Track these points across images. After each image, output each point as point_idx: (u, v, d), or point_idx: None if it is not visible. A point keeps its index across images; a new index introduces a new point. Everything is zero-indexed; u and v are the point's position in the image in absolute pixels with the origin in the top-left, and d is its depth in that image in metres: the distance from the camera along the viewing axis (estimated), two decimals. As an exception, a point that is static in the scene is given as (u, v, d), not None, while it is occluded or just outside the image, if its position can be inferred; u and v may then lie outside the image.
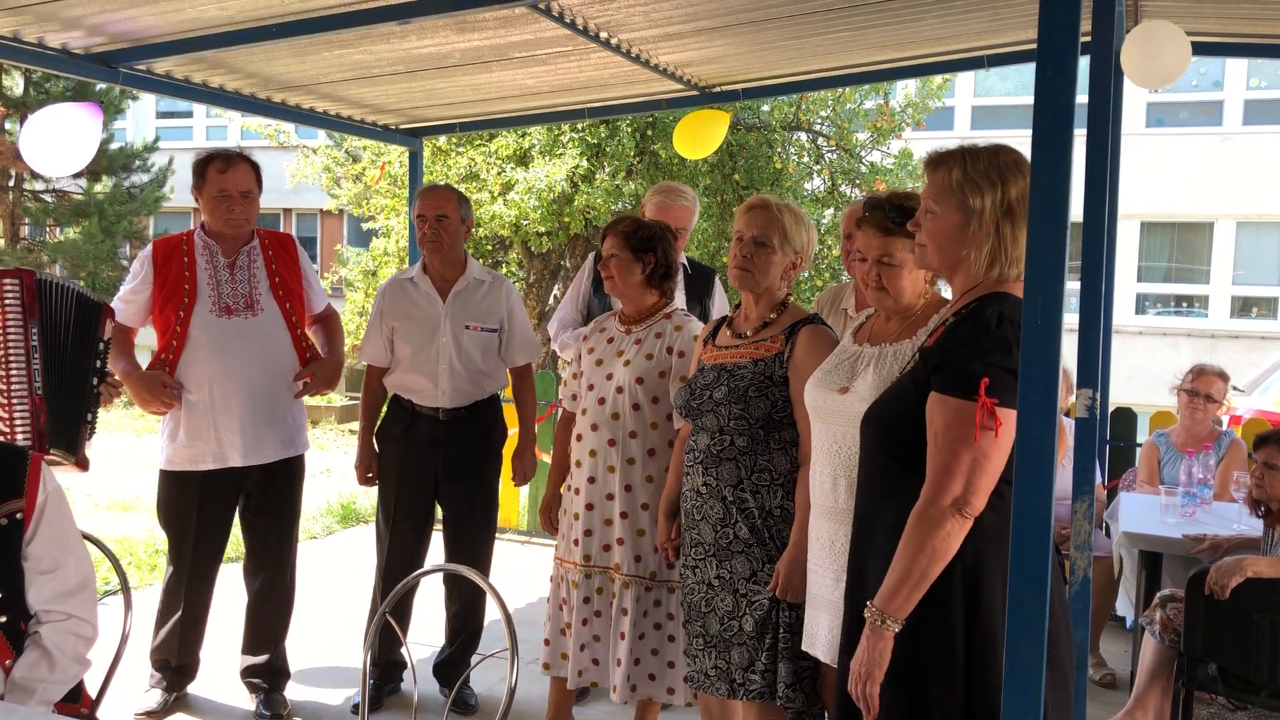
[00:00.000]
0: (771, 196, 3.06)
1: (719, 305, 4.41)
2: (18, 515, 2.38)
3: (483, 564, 4.04)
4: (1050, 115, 1.77)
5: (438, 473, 3.98)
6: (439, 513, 4.11)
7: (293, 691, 4.12)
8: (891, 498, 2.19)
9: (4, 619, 2.33)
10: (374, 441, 4.09)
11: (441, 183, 5.26)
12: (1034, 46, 1.80)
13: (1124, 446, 5.72)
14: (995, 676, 1.99)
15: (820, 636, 2.62)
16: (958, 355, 2.07)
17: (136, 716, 3.87)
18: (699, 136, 5.81)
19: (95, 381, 3.36)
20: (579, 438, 3.43)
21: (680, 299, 4.19)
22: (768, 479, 2.88)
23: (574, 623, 3.37)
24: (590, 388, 3.42)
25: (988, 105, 17.77)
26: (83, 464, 3.31)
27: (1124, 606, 4.91)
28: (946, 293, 2.60)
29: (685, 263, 4.33)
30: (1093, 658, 4.61)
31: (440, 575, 4.06)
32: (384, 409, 4.17)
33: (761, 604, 2.85)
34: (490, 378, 4.04)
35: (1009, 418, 1.97)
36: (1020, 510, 1.81)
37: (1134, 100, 15.75)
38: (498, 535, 4.26)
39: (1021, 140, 1.87)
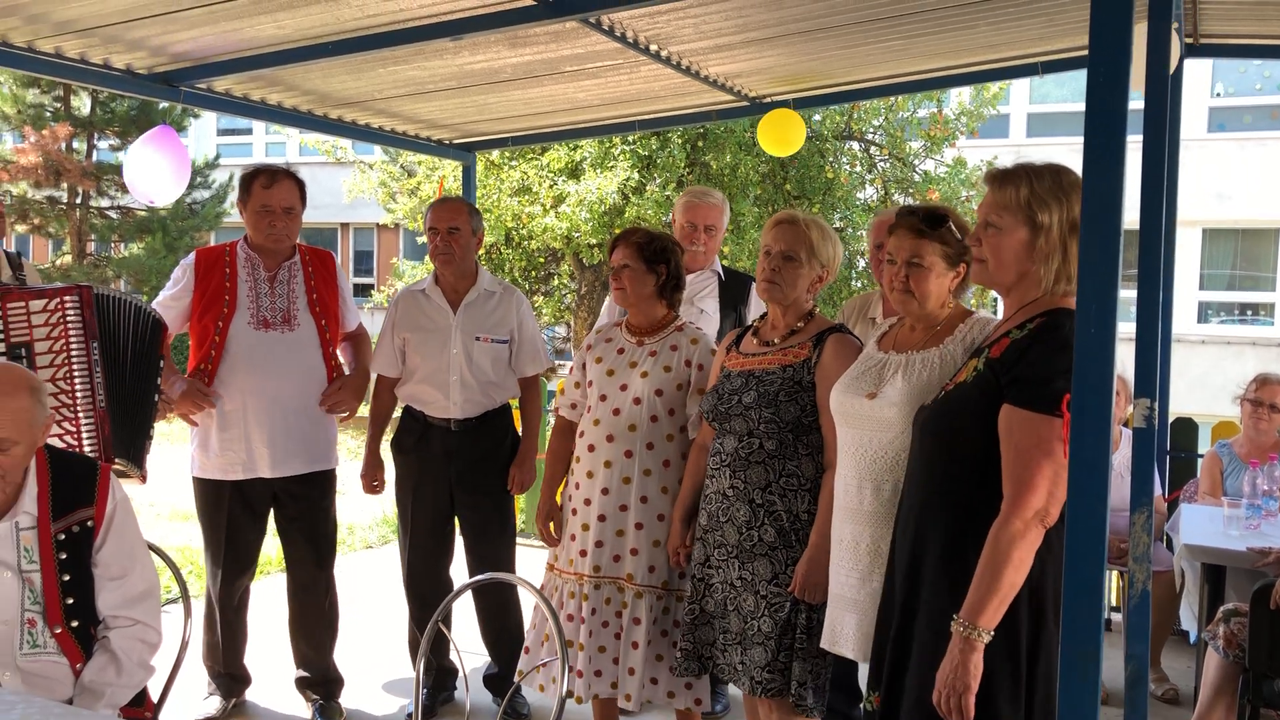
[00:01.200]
0: (799, 212, 3.15)
1: (755, 313, 4.41)
2: (88, 523, 2.45)
3: (505, 571, 4.03)
4: (1103, 122, 1.75)
5: (452, 483, 4.00)
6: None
7: (348, 700, 4.17)
8: (949, 503, 2.24)
9: (75, 623, 2.41)
10: (381, 451, 4.13)
11: (454, 196, 5.29)
12: (1087, 53, 1.78)
13: (1185, 458, 5.60)
14: (1054, 689, 2.01)
15: (848, 635, 2.65)
16: (1039, 371, 2.11)
17: (196, 722, 3.94)
18: (783, 135, 5.78)
19: (155, 397, 3.45)
20: (590, 448, 3.42)
21: (713, 305, 4.19)
22: (795, 483, 2.94)
23: (580, 637, 3.36)
24: (603, 398, 3.42)
25: (1044, 112, 17.55)
26: (142, 476, 3.39)
27: (1187, 621, 4.82)
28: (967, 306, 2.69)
29: (720, 270, 4.32)
30: (1154, 672, 4.52)
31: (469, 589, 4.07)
32: (394, 420, 4.20)
33: (781, 605, 2.91)
34: (501, 388, 4.04)
35: None
36: (1074, 521, 1.79)
37: (1195, 105, 15.47)
38: (523, 542, 4.25)
39: (1078, 147, 1.85)
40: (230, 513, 3.87)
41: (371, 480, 4.14)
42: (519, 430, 4.19)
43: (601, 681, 3.35)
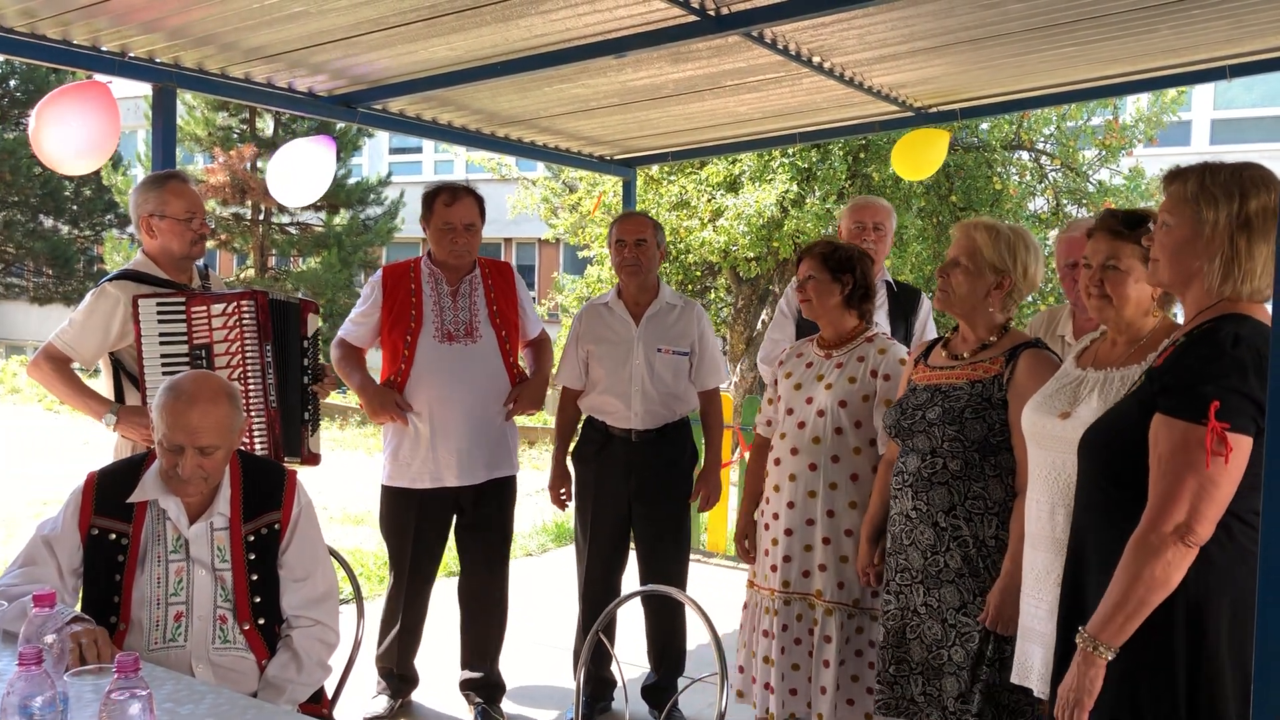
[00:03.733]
0: (981, 218, 2.99)
1: (926, 327, 4.31)
2: (275, 526, 2.58)
3: (677, 585, 4.05)
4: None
5: (630, 493, 4.04)
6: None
7: (509, 705, 4.26)
8: (1111, 523, 2.12)
9: (261, 621, 2.53)
10: (568, 462, 4.19)
11: (638, 210, 5.33)
12: (1284, 55, 1.68)
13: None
14: None
15: (1035, 669, 2.52)
16: (1187, 376, 1.99)
17: (365, 720, 4.09)
18: (918, 158, 5.69)
19: (307, 381, 3.57)
20: (777, 462, 3.41)
21: (883, 317, 4.11)
22: (981, 506, 2.80)
23: (773, 653, 3.34)
24: (789, 412, 3.39)
25: (1229, 118, 16.62)
26: (309, 460, 3.54)
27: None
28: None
29: (890, 281, 4.25)
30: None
31: (638, 598, 4.10)
32: (578, 431, 4.26)
33: (972, 635, 2.78)
34: (681, 400, 4.08)
35: (1241, 444, 1.92)
36: (1270, 538, 1.67)
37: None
38: (705, 560, 4.26)
39: (1268, 155, 1.75)
40: (418, 521, 4.00)
41: (559, 490, 4.21)
42: (696, 444, 4.21)
43: (797, 701, 3.32)
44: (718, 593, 5.71)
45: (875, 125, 5.70)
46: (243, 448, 3.24)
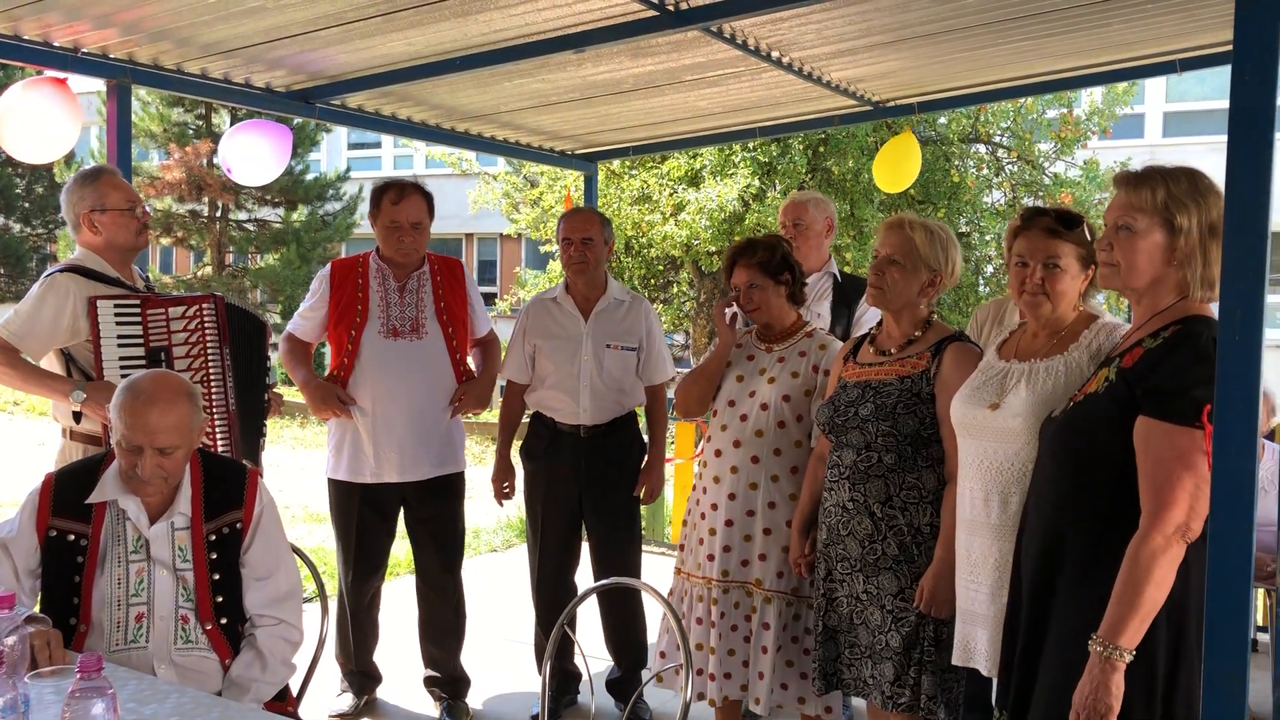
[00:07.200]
0: (910, 215, 3.06)
1: (870, 317, 4.36)
2: (237, 525, 2.57)
3: (631, 577, 4.06)
4: (1246, 120, 1.69)
5: (580, 489, 4.05)
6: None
7: (474, 700, 4.26)
8: (1085, 518, 2.17)
9: (224, 620, 2.53)
10: (511, 457, 4.20)
11: (585, 206, 5.34)
12: (1230, 49, 1.72)
13: (1338, 471, 5.32)
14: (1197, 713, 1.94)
15: (982, 650, 2.59)
16: (1177, 381, 2.04)
17: (331, 718, 4.07)
18: (897, 170, 5.77)
19: (265, 397, 3.63)
20: (717, 453, 3.44)
21: (825, 307, 4.16)
22: (916, 496, 2.89)
23: (710, 641, 3.37)
24: (731, 404, 3.43)
25: (1181, 110, 16.88)
26: (259, 472, 3.56)
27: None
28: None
29: (836, 273, 4.29)
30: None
31: (594, 593, 4.12)
32: (522, 426, 4.27)
33: (909, 620, 2.87)
34: (629, 395, 4.10)
35: None
36: (1218, 537, 1.73)
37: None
38: (669, 552, 4.29)
39: (1218, 146, 1.79)
40: (360, 515, 4.00)
41: (502, 484, 4.22)
42: (645, 439, 4.22)
43: (732, 684, 3.37)
44: (663, 581, 5.71)
45: (834, 119, 5.73)
46: (206, 448, 3.24)
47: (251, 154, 5.01)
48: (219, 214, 17.14)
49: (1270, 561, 3.43)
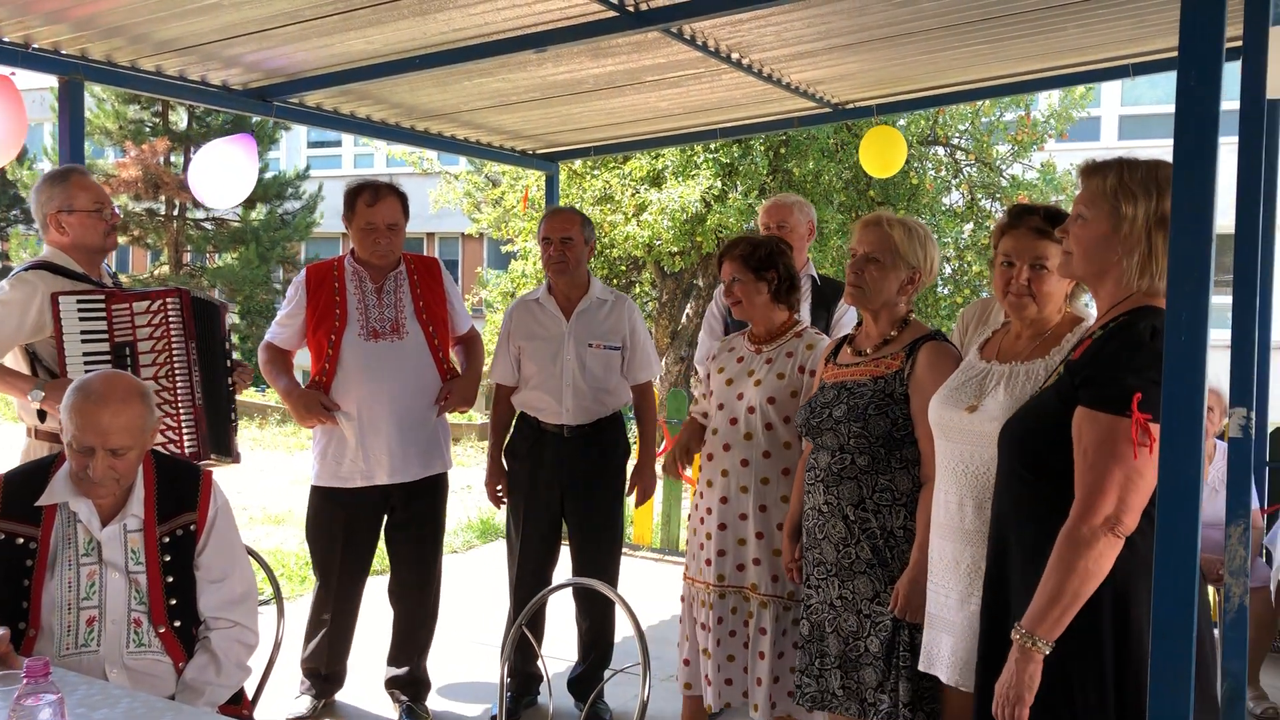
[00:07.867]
0: (885, 213, 3.02)
1: (849, 318, 4.38)
2: (191, 527, 2.54)
3: (610, 579, 4.07)
4: (1194, 124, 1.71)
5: (563, 489, 4.05)
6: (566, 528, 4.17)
7: (434, 702, 4.24)
8: (1030, 515, 2.15)
9: (178, 624, 2.49)
10: (501, 459, 4.19)
11: (566, 206, 5.33)
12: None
13: (1286, 469, 5.41)
14: (1145, 706, 1.93)
15: (942, 657, 2.56)
16: (1110, 370, 2.01)
17: (287, 721, 4.04)
18: (884, 156, 5.81)
19: (230, 381, 3.57)
20: (710, 457, 3.44)
21: (805, 310, 4.18)
22: (889, 498, 2.85)
23: (709, 645, 3.37)
24: (720, 407, 3.43)
25: (1136, 114, 17.11)
26: (236, 458, 3.54)
27: (1288, 638, 4.65)
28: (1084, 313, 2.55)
29: (815, 275, 4.31)
30: (1252, 690, 4.37)
31: (571, 591, 4.12)
32: (512, 427, 4.26)
33: (885, 624, 2.82)
34: (613, 395, 4.09)
35: None
36: (1164, 533, 1.75)
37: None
38: (631, 553, 4.29)
39: (1171, 150, 1.81)
40: (348, 520, 3.96)
41: (495, 487, 4.20)
42: (629, 439, 4.22)
43: (733, 690, 3.36)
44: (644, 585, 5.76)
45: (794, 121, 5.77)
46: (171, 447, 3.21)
47: (219, 176, 4.97)
48: (176, 212, 16.94)
49: (1219, 564, 3.48)
